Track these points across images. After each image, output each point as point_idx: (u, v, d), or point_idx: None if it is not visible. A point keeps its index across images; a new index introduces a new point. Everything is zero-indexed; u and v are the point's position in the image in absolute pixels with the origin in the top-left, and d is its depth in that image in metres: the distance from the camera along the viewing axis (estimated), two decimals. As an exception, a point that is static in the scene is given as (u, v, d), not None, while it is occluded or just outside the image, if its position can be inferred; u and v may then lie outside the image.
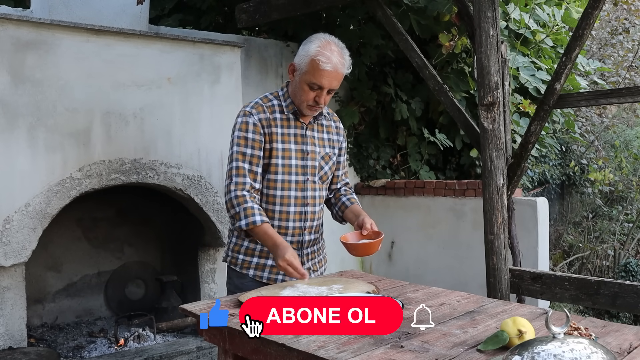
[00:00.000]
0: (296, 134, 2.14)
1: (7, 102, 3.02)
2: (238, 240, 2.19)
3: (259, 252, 2.14)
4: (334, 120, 2.30)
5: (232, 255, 2.20)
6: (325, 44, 2.02)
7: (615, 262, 6.73)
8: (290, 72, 2.11)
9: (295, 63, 2.08)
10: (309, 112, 2.11)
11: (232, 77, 3.81)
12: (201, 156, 3.67)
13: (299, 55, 2.06)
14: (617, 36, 7.61)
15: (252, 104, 2.13)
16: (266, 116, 2.09)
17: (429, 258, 4.57)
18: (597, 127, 7.66)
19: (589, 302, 2.95)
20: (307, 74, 2.02)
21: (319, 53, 2.00)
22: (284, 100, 2.14)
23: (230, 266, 2.22)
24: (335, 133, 2.27)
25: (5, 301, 3.03)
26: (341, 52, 2.04)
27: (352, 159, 5.05)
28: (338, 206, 2.29)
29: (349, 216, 2.22)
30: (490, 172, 3.12)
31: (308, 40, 2.07)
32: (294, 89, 2.10)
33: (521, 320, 1.35)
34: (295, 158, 2.12)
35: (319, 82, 2.01)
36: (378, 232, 2.02)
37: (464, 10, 3.39)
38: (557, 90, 3.02)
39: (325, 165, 2.21)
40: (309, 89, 2.04)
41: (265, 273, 2.14)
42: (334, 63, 2.01)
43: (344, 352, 1.32)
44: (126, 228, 4.29)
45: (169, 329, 3.79)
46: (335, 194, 2.33)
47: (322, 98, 2.05)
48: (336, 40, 2.08)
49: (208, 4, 5.22)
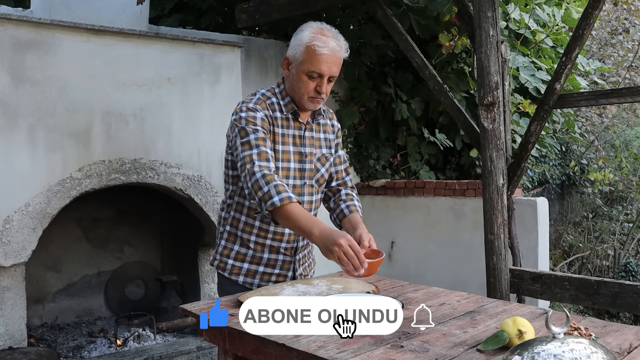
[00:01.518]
0: (294, 135, 2.01)
1: (7, 102, 3.02)
2: (228, 244, 2.05)
3: (250, 257, 2.02)
4: (330, 118, 2.16)
5: (221, 260, 2.06)
6: (318, 30, 1.91)
7: (615, 262, 6.73)
8: (285, 67, 1.98)
9: (289, 56, 1.96)
10: (311, 106, 1.97)
11: (232, 77, 3.81)
12: (201, 156, 3.67)
13: (292, 47, 1.94)
14: (617, 36, 7.61)
15: (254, 100, 1.96)
16: (269, 114, 1.95)
17: (429, 258, 4.57)
18: (597, 127, 7.66)
19: (589, 302, 2.95)
20: (304, 62, 1.89)
21: (314, 39, 1.88)
22: (281, 99, 1.99)
23: (219, 271, 2.08)
24: (331, 132, 2.14)
25: (5, 301, 3.03)
26: (336, 36, 1.92)
27: (352, 159, 5.05)
28: (336, 213, 2.13)
29: (347, 226, 2.05)
30: (490, 172, 3.12)
31: (299, 30, 1.95)
32: (291, 84, 1.96)
33: (521, 320, 1.35)
34: (293, 161, 1.99)
35: (318, 69, 1.88)
36: (377, 250, 1.82)
37: (464, 10, 3.39)
38: (557, 90, 3.02)
39: (321, 168, 2.08)
40: (308, 79, 1.90)
41: (256, 280, 2.02)
42: (331, 47, 1.88)
43: (344, 352, 1.32)
44: (126, 228, 4.29)
45: (169, 329, 3.79)
46: (335, 197, 2.17)
47: (324, 87, 1.92)
48: (328, 26, 1.95)
49: (208, 4, 5.22)
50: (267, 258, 2.03)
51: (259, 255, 2.02)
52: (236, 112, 1.95)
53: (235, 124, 1.92)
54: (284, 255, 2.05)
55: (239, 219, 2.03)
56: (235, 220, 2.04)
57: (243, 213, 2.02)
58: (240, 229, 2.03)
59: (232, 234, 2.05)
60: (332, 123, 2.15)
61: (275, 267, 2.04)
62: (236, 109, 1.97)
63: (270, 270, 2.04)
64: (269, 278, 2.02)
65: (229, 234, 2.05)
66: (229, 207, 2.06)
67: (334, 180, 2.18)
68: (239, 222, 2.03)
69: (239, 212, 2.03)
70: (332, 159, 2.14)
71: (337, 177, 2.18)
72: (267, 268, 2.03)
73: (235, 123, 1.92)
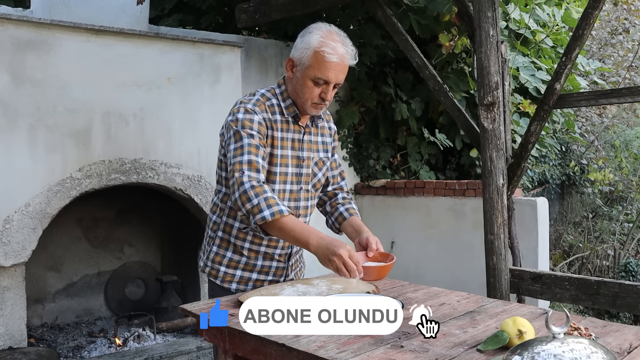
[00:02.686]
0: (294, 138, 1.94)
1: (7, 102, 3.02)
2: (220, 250, 1.97)
3: (244, 264, 1.95)
4: (327, 120, 2.10)
5: (212, 267, 1.98)
6: (328, 34, 1.82)
7: (615, 262, 6.73)
8: (288, 69, 1.89)
9: (294, 58, 1.86)
10: (313, 111, 1.90)
11: (232, 77, 3.81)
12: (201, 156, 3.67)
13: (299, 49, 1.84)
14: (617, 36, 7.61)
15: (253, 101, 1.88)
16: (268, 117, 1.88)
17: (429, 258, 4.57)
18: (597, 127, 7.66)
19: (589, 302, 2.95)
20: (311, 68, 1.81)
21: (323, 44, 1.79)
22: (282, 101, 1.92)
23: (210, 278, 2.01)
24: (328, 135, 2.08)
25: (5, 301, 3.03)
26: (344, 41, 1.84)
27: (352, 159, 5.05)
28: (335, 216, 2.08)
29: (348, 230, 2.00)
30: (490, 172, 3.12)
31: (306, 31, 1.85)
32: (294, 87, 1.88)
33: (521, 320, 1.35)
34: (291, 165, 1.93)
35: (325, 77, 1.82)
36: (385, 253, 1.80)
37: (464, 10, 3.39)
38: (557, 90, 3.02)
39: (318, 172, 2.02)
40: (313, 85, 1.83)
41: (248, 287, 1.96)
42: (341, 54, 1.81)
43: (344, 352, 1.32)
44: (126, 228, 4.29)
45: (169, 329, 3.79)
46: (331, 201, 2.12)
47: (329, 94, 1.86)
48: (337, 30, 1.86)
49: (208, 4, 5.22)
50: (261, 265, 1.98)
51: (253, 262, 1.96)
52: (233, 112, 1.88)
53: (231, 125, 1.85)
54: (277, 262, 2.00)
55: (232, 225, 1.96)
56: (228, 226, 1.96)
57: (237, 219, 1.94)
58: (234, 235, 1.96)
59: (224, 240, 1.98)
60: (329, 126, 2.10)
61: (268, 274, 1.99)
62: (233, 109, 1.89)
63: (264, 277, 1.99)
64: (262, 285, 1.97)
65: (222, 239, 1.98)
66: (222, 212, 1.98)
67: (330, 184, 2.13)
68: (232, 228, 1.96)
69: (232, 217, 1.95)
70: (329, 162, 2.09)
71: (333, 182, 2.13)
72: (261, 275, 1.98)
73: (231, 124, 1.85)
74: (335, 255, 1.62)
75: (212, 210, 2.04)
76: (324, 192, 2.14)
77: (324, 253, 1.65)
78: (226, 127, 1.90)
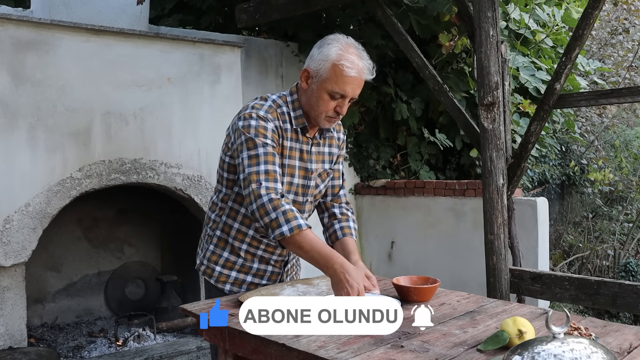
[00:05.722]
0: (302, 149, 1.89)
1: (7, 102, 3.02)
2: (216, 250, 1.95)
3: (240, 266, 1.93)
4: (337, 131, 2.04)
5: (208, 265, 1.96)
6: (346, 47, 1.79)
7: (615, 262, 6.73)
8: (303, 80, 1.84)
9: (310, 69, 1.81)
10: (326, 125, 1.86)
11: (232, 77, 3.81)
12: (201, 156, 3.67)
13: (316, 60, 1.80)
14: (617, 36, 7.61)
15: (265, 107, 1.83)
16: (279, 124, 1.84)
17: (429, 258, 4.57)
18: (597, 127, 7.66)
19: (589, 302, 2.95)
20: (329, 81, 1.77)
21: (342, 57, 1.76)
22: (292, 110, 1.87)
23: (205, 277, 1.98)
24: (336, 145, 2.03)
25: (5, 301, 3.03)
26: (362, 55, 1.81)
27: (352, 159, 5.05)
28: (329, 233, 2.04)
29: (338, 251, 1.90)
30: (490, 172, 3.12)
31: (324, 42, 1.81)
32: (309, 99, 1.83)
33: (521, 320, 1.35)
34: (298, 177, 1.89)
35: (343, 91, 1.78)
36: (425, 277, 1.83)
37: (464, 10, 3.39)
38: (557, 90, 3.02)
39: (321, 184, 1.99)
40: (329, 98, 1.79)
41: (242, 289, 1.93)
42: (359, 68, 1.77)
43: (344, 352, 1.32)
44: (126, 228, 4.30)
45: (169, 329, 3.79)
46: (329, 215, 2.07)
47: (344, 108, 1.82)
48: (355, 42, 1.83)
49: (208, 4, 5.23)
50: (257, 268, 1.95)
51: (249, 264, 1.94)
52: (245, 117, 1.81)
53: (244, 131, 1.79)
54: (273, 267, 1.98)
55: (231, 226, 1.93)
56: (227, 226, 1.94)
57: (237, 220, 1.92)
58: (232, 236, 1.93)
59: (222, 239, 1.95)
60: (338, 136, 2.05)
61: (263, 278, 1.97)
62: (245, 113, 1.82)
63: (258, 281, 1.97)
64: (256, 287, 1.94)
65: (219, 239, 1.96)
66: (221, 211, 1.96)
67: (329, 195, 2.08)
68: (231, 229, 1.93)
69: (231, 218, 1.93)
70: (333, 173, 2.05)
71: (332, 192, 2.08)
72: (255, 278, 1.96)
73: (244, 130, 1.79)
74: (352, 288, 1.61)
75: (211, 209, 2.02)
76: (323, 201, 2.09)
77: (340, 279, 1.64)
78: (235, 131, 1.84)
